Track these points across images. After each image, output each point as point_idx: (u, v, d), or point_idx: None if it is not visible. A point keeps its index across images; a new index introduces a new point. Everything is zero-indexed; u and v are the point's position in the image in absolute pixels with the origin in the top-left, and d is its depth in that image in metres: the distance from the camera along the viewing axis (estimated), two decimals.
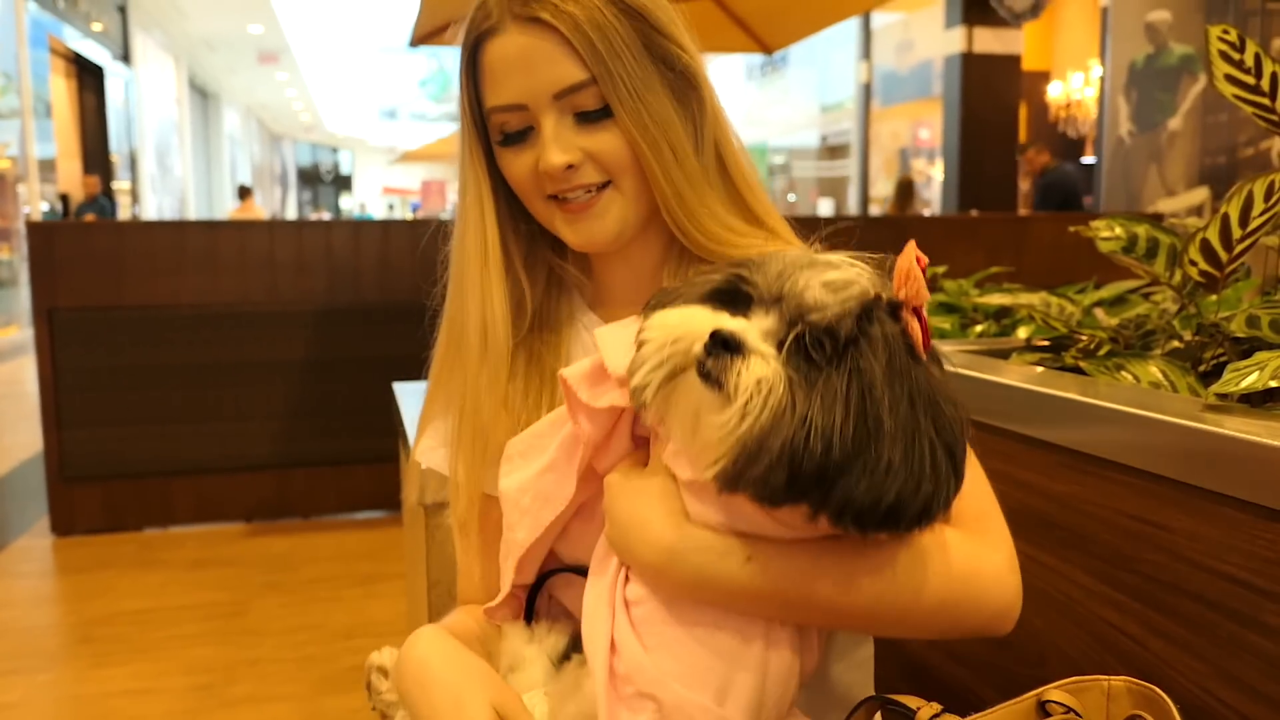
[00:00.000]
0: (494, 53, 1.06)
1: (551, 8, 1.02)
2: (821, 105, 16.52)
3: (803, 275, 0.83)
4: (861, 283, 0.83)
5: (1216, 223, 1.35)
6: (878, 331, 0.81)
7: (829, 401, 0.78)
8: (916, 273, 0.84)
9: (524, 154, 1.08)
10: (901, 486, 0.79)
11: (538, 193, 1.09)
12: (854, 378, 0.79)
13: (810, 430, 0.77)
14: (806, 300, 0.81)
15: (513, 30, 1.04)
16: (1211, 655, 1.07)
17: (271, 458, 4.46)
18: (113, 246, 4.25)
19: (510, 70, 1.05)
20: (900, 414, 0.80)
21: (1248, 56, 1.40)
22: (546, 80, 1.04)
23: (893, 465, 0.79)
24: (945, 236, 5.27)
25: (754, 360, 0.79)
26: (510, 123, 1.07)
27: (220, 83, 24.73)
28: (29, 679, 2.95)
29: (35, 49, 12.19)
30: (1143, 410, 1.15)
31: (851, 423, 0.78)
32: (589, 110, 1.05)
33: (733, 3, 5.63)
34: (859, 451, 0.78)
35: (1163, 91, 7.80)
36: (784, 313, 0.82)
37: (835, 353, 0.80)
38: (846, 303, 0.81)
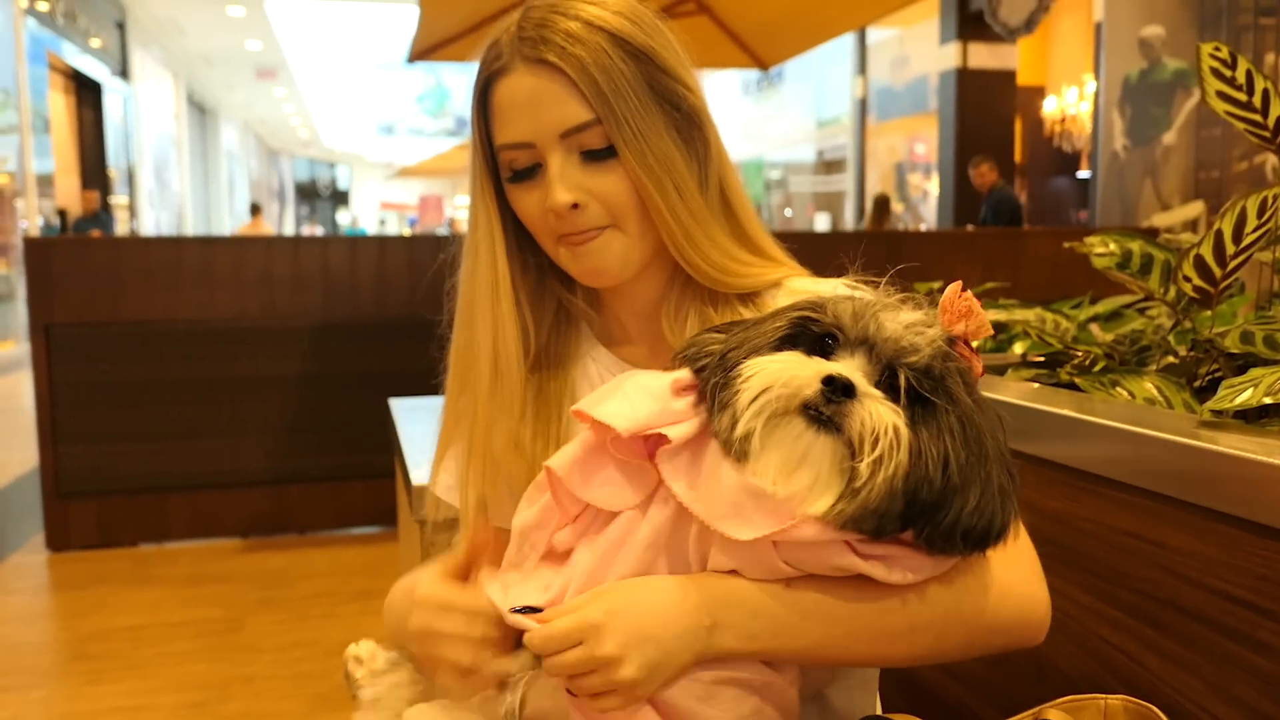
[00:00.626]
0: (503, 92, 1.09)
1: (558, 50, 1.06)
2: (817, 120, 16.56)
3: (885, 319, 0.87)
4: (936, 324, 0.89)
5: (1210, 238, 1.35)
6: (955, 368, 0.87)
7: (938, 434, 0.84)
8: (977, 308, 0.90)
9: (532, 191, 1.10)
10: (997, 506, 0.85)
11: (544, 231, 1.13)
12: (954, 408, 0.86)
13: (928, 461, 0.83)
14: (902, 344, 0.86)
15: (521, 70, 1.07)
16: (1208, 673, 1.07)
17: (267, 473, 4.45)
18: (110, 262, 4.25)
19: (518, 109, 1.08)
20: (988, 438, 0.87)
21: (1239, 73, 1.40)
22: (553, 120, 1.07)
23: (999, 483, 0.86)
24: (941, 251, 5.27)
25: (871, 404, 0.83)
26: (519, 160, 1.10)
27: (218, 98, 24.78)
28: (22, 696, 2.93)
29: (34, 65, 12.21)
30: (1137, 427, 1.15)
31: (964, 448, 0.85)
32: (594, 150, 1.08)
33: (729, 18, 5.66)
34: (972, 476, 0.84)
35: (1157, 106, 7.83)
36: (875, 355, 0.87)
37: (937, 390, 0.85)
38: (934, 343, 0.86)
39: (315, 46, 20.05)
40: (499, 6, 4.85)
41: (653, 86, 1.08)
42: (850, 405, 0.82)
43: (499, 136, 1.10)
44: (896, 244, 5.46)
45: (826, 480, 0.83)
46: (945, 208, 10.80)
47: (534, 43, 1.07)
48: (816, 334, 0.89)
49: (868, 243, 5.68)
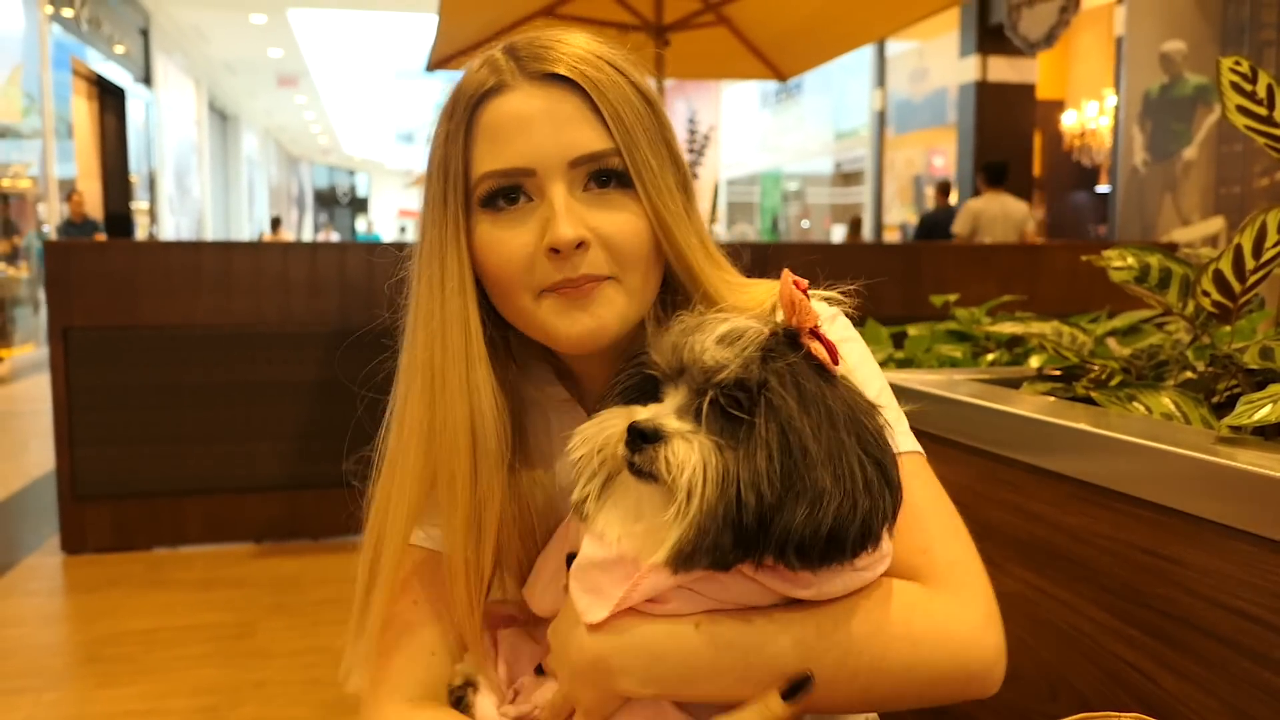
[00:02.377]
0: (501, 110, 0.95)
1: (571, 67, 0.95)
2: (836, 132, 16.56)
3: (695, 340, 0.83)
4: (753, 327, 0.84)
5: (1229, 253, 1.34)
6: (781, 366, 0.81)
7: (753, 450, 0.78)
8: (799, 297, 0.84)
9: (519, 230, 0.95)
10: (838, 508, 0.78)
11: (525, 282, 0.96)
12: (770, 417, 0.79)
13: (740, 485, 0.77)
14: (708, 363, 0.81)
15: (526, 88, 0.95)
16: (1224, 692, 1.05)
17: (282, 478, 4.46)
18: (128, 266, 4.27)
19: (519, 130, 0.94)
20: (824, 437, 0.79)
21: (1260, 88, 1.39)
22: (564, 143, 0.94)
23: (825, 489, 0.78)
24: (959, 264, 5.25)
25: (676, 442, 0.79)
26: (506, 191, 0.95)
27: (240, 105, 24.97)
28: (35, 698, 2.94)
29: (58, 70, 12.34)
30: (1154, 442, 1.14)
31: (777, 461, 0.78)
32: (604, 184, 0.95)
33: (748, 30, 5.66)
34: (789, 484, 0.78)
35: (1177, 121, 7.79)
36: (690, 382, 0.83)
37: (752, 403, 0.80)
38: (745, 350, 0.81)
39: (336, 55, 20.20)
40: (518, 16, 4.87)
41: (660, 129, 0.99)
42: (655, 449, 0.79)
43: (486, 162, 0.95)
44: (914, 256, 5.44)
45: (662, 528, 0.80)
46: None
47: (541, 59, 0.95)
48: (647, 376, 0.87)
49: (884, 256, 5.68)
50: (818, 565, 0.80)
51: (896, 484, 0.82)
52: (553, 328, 0.96)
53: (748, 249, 1.18)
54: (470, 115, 0.96)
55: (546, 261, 0.94)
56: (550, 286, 0.95)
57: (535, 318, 0.97)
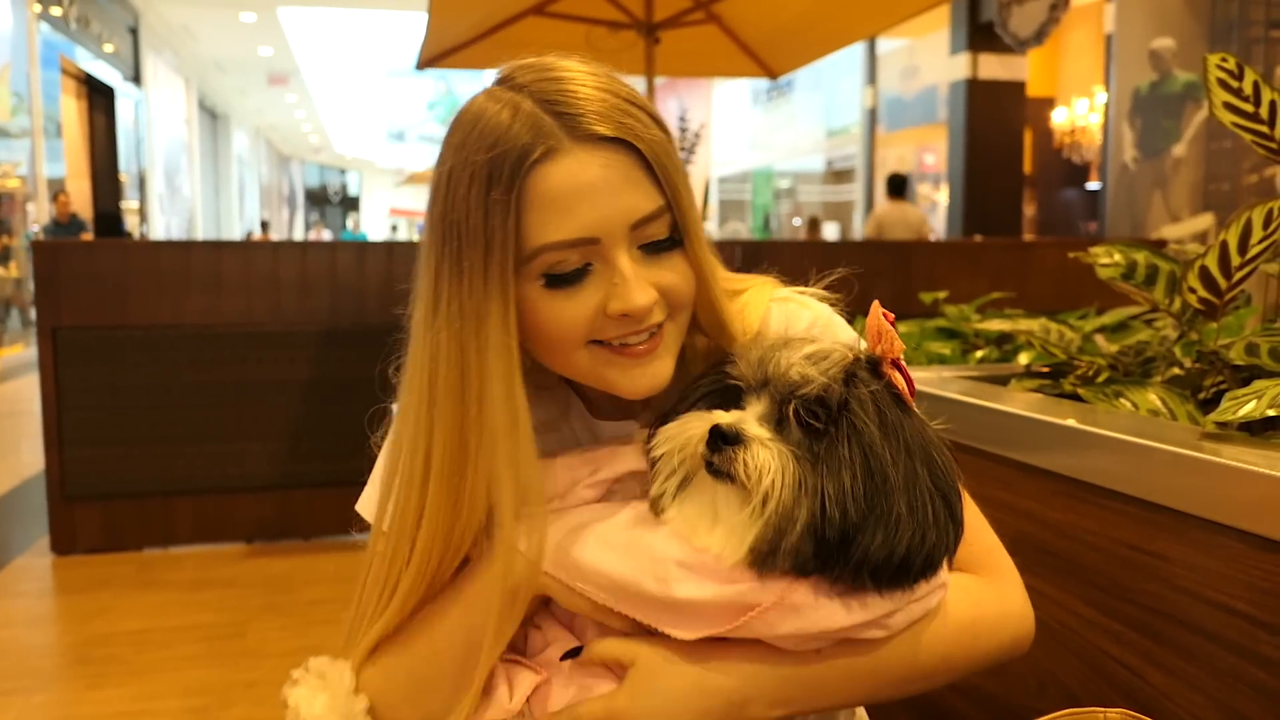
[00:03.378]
0: (557, 180, 0.90)
1: (618, 125, 0.91)
2: (827, 130, 16.57)
3: (783, 355, 0.88)
4: (839, 351, 0.89)
5: (1215, 250, 1.34)
6: (864, 392, 0.86)
7: (836, 467, 0.83)
8: (887, 328, 0.89)
9: (579, 296, 0.93)
10: (910, 537, 0.82)
11: (580, 341, 0.95)
12: (853, 439, 0.84)
13: (825, 498, 0.82)
14: (792, 377, 0.87)
15: (578, 152, 0.90)
16: (1209, 687, 1.06)
17: (273, 478, 4.45)
18: (117, 266, 4.26)
19: (580, 199, 0.90)
20: (901, 466, 0.84)
21: (1246, 84, 1.40)
22: (624, 209, 0.91)
23: (901, 517, 0.82)
24: (949, 262, 5.26)
25: (755, 446, 0.84)
26: (569, 261, 0.92)
27: (230, 104, 24.90)
28: (24, 700, 2.93)
29: (47, 69, 12.29)
30: (1141, 438, 1.15)
31: (861, 482, 0.83)
32: (659, 240, 0.95)
33: (738, 28, 5.66)
34: (872, 507, 0.82)
35: (1167, 118, 7.82)
36: (773, 394, 0.87)
37: (830, 420, 0.85)
38: (829, 370, 0.86)
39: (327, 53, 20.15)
40: (508, 14, 4.87)
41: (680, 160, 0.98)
42: (735, 451, 0.84)
43: (544, 234, 0.90)
44: (904, 254, 5.45)
45: (738, 527, 0.84)
46: (954, 218, 10.79)
47: (583, 117, 0.91)
48: (731, 385, 0.92)
49: (875, 253, 5.68)
50: (884, 589, 0.85)
51: (960, 520, 0.87)
52: (612, 382, 0.97)
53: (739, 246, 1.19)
54: (518, 182, 0.90)
55: (607, 320, 0.94)
56: (604, 340, 0.95)
57: (589, 369, 0.97)
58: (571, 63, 0.96)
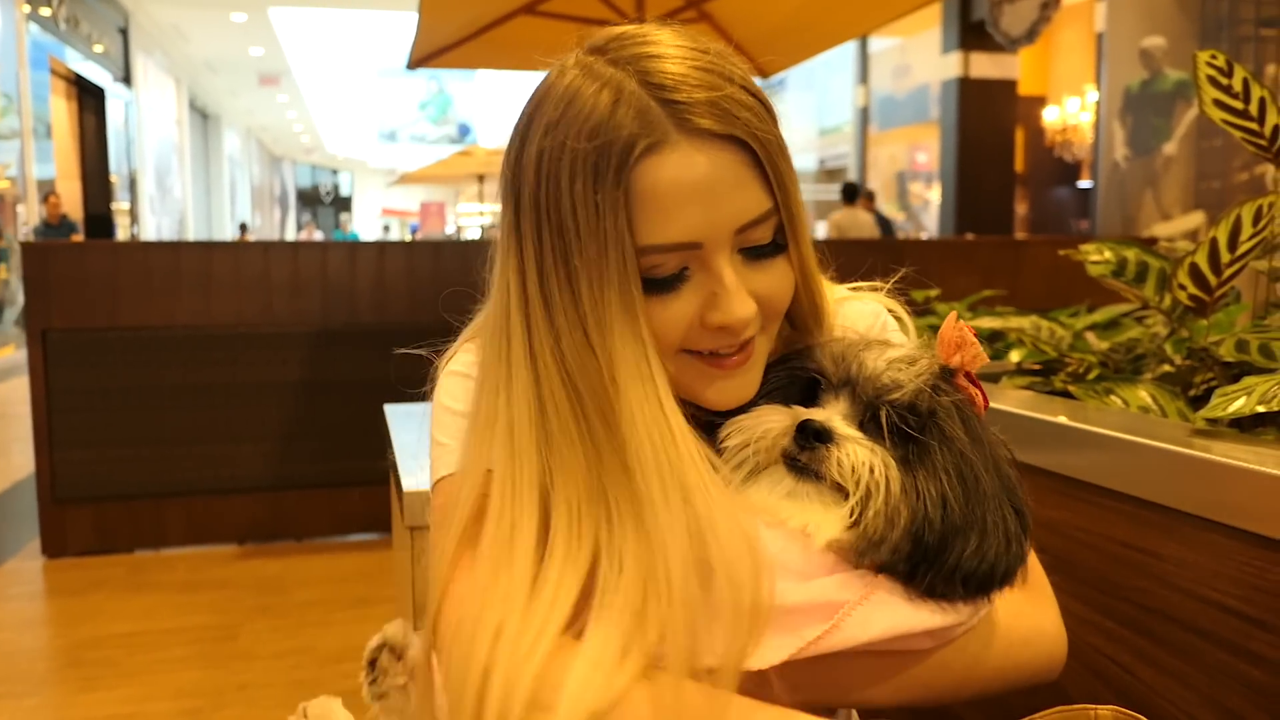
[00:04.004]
0: (660, 176, 0.81)
1: (733, 121, 0.83)
2: (819, 129, 16.58)
3: (867, 357, 0.86)
4: (925, 359, 0.87)
5: (1205, 247, 1.34)
6: (949, 401, 0.85)
7: (933, 471, 0.82)
8: (971, 340, 0.87)
9: (675, 302, 0.85)
10: (997, 547, 0.82)
11: (671, 350, 0.88)
12: (946, 446, 0.83)
13: (926, 501, 0.81)
14: (883, 380, 0.84)
15: (686, 148, 0.82)
16: (1201, 684, 1.06)
17: (264, 480, 4.44)
18: (108, 267, 4.24)
19: (685, 200, 0.82)
20: (989, 476, 0.84)
21: (1235, 81, 1.40)
22: (732, 212, 0.84)
23: (993, 525, 0.82)
24: (941, 259, 5.27)
25: (850, 445, 0.82)
26: (668, 265, 0.84)
27: (221, 105, 24.84)
28: (15, 704, 2.92)
29: (36, 70, 12.25)
30: (1130, 435, 1.15)
31: (960, 488, 0.82)
32: (762, 245, 0.87)
33: (729, 26, 5.65)
34: (968, 514, 0.82)
35: (1158, 116, 7.83)
36: (857, 395, 0.85)
37: (922, 426, 0.84)
38: (920, 377, 0.85)
39: (318, 53, 20.11)
40: (498, 14, 4.85)
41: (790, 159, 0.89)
42: (827, 449, 0.81)
43: (645, 235, 0.82)
44: (897, 251, 5.45)
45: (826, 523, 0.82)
46: (946, 216, 10.81)
47: (700, 109, 0.82)
48: (805, 380, 0.89)
49: (868, 250, 5.68)
50: (969, 597, 0.83)
51: (1029, 534, 0.86)
52: (698, 393, 0.91)
53: None
54: (624, 177, 0.81)
55: (704, 331, 0.87)
56: (694, 350, 0.89)
57: (675, 378, 0.89)
58: (666, 32, 0.88)
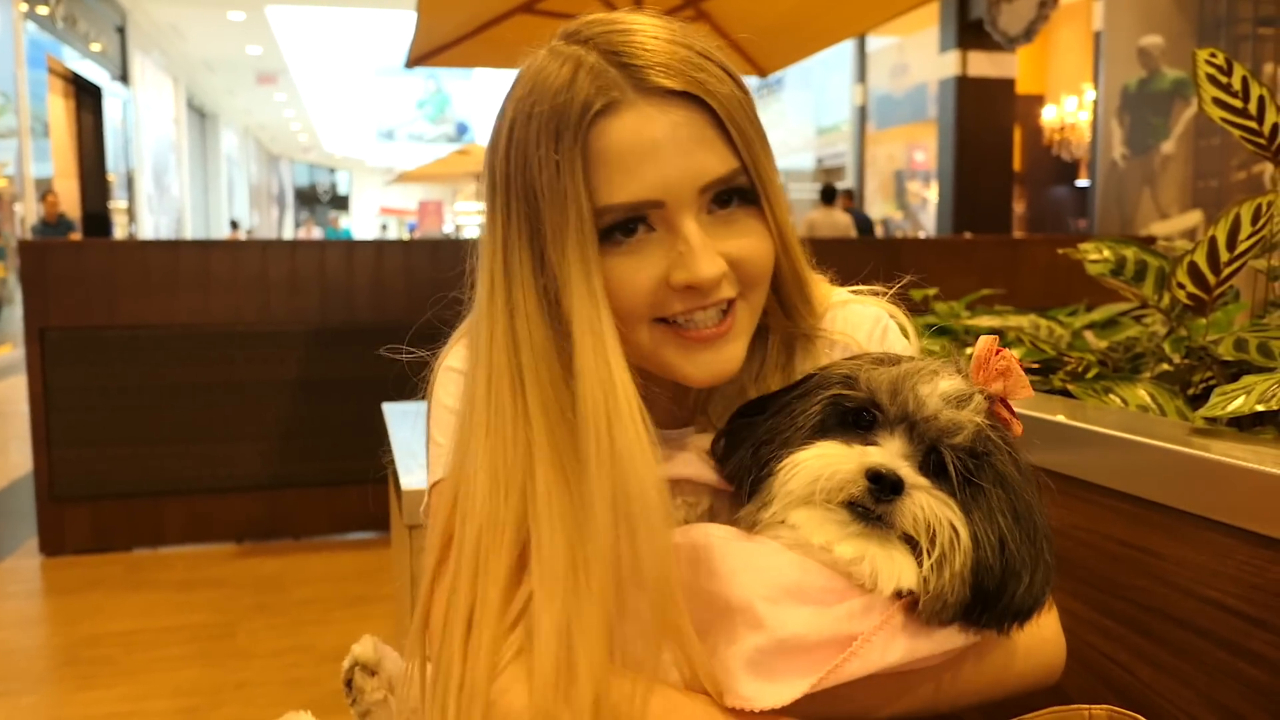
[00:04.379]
0: (620, 135, 0.83)
1: (693, 80, 0.85)
2: (817, 128, 16.58)
3: (923, 392, 0.83)
4: (977, 394, 0.84)
5: (1204, 246, 1.34)
6: (998, 437, 0.83)
7: (990, 517, 0.81)
8: (1016, 368, 0.85)
9: (641, 263, 0.86)
10: (1043, 581, 0.82)
11: (645, 316, 0.88)
12: (1001, 486, 0.82)
13: (987, 548, 0.80)
14: (943, 422, 0.82)
15: (644, 106, 0.84)
16: (1200, 683, 1.06)
17: (263, 478, 4.44)
18: (105, 266, 4.24)
19: (645, 157, 0.83)
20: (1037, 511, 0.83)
21: (1235, 80, 1.40)
22: (693, 170, 0.84)
23: (1042, 563, 0.83)
24: (939, 258, 5.27)
25: (921, 496, 0.79)
26: (625, 224, 0.86)
27: (218, 103, 24.81)
28: (13, 702, 2.92)
29: (33, 69, 12.23)
30: (1130, 434, 1.14)
31: (1017, 529, 0.81)
32: (728, 203, 0.88)
33: (727, 25, 5.65)
34: (1027, 556, 0.82)
35: (1155, 115, 7.84)
36: (916, 435, 0.82)
37: (980, 468, 0.82)
38: (976, 417, 0.82)
39: (315, 52, 20.09)
40: (496, 12, 4.85)
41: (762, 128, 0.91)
42: (902, 502, 0.79)
43: (609, 194, 0.84)
44: (894, 251, 5.46)
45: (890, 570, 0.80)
46: (944, 215, 10.81)
47: (650, 69, 0.84)
48: (855, 410, 0.85)
49: (866, 250, 5.68)
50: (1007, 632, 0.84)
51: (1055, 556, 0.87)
52: (675, 366, 0.90)
53: None
54: (581, 136, 0.83)
55: (672, 294, 0.87)
56: (668, 318, 0.89)
57: (650, 350, 0.90)
58: (641, 15, 0.90)
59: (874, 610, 0.81)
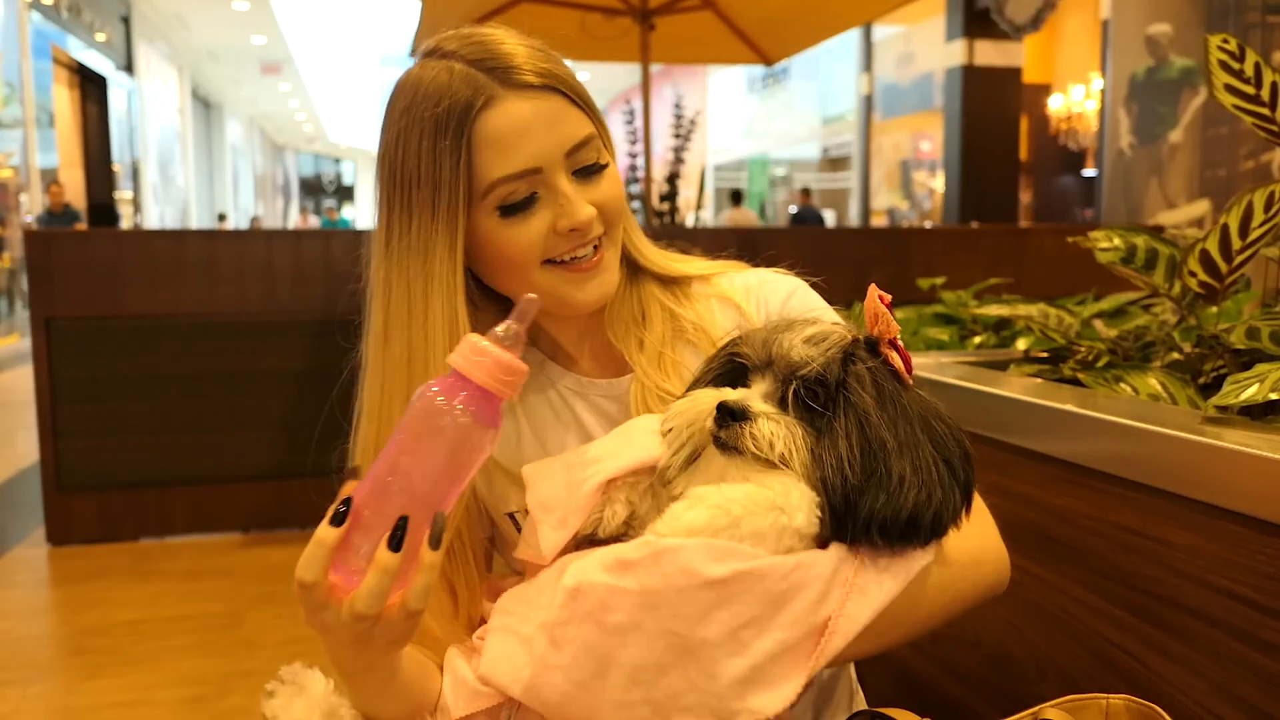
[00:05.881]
0: (497, 122, 1.03)
1: (546, 74, 1.05)
2: (823, 117, 16.54)
3: (785, 337, 0.94)
4: (838, 332, 0.94)
5: (1216, 233, 1.33)
6: (861, 369, 0.92)
7: (834, 438, 0.89)
8: (883, 310, 0.94)
9: (531, 221, 1.06)
10: (916, 496, 0.87)
11: (536, 260, 1.07)
12: (849, 412, 0.90)
13: (827, 466, 0.88)
14: (794, 358, 0.92)
15: (513, 99, 1.04)
16: (1212, 673, 1.05)
17: (269, 468, 4.44)
18: (111, 256, 4.24)
19: (521, 135, 1.04)
20: (900, 433, 0.89)
21: (1247, 66, 1.38)
22: (559, 139, 1.05)
23: (905, 478, 0.87)
24: (946, 248, 5.25)
25: (761, 421, 0.89)
26: (518, 191, 1.05)
27: (223, 93, 24.80)
28: (21, 690, 2.93)
29: (39, 59, 12.23)
30: (1141, 423, 1.14)
31: (857, 450, 0.88)
32: (590, 164, 1.08)
33: (733, 14, 5.64)
34: (871, 470, 0.88)
35: (1163, 104, 7.80)
36: (776, 374, 0.93)
37: (829, 397, 0.91)
38: (829, 351, 0.92)
39: (320, 41, 20.07)
40: (500, 1, 4.84)
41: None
42: (742, 426, 0.89)
43: (496, 169, 1.03)
44: (901, 241, 5.44)
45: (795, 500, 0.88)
46: (950, 205, 10.78)
47: (517, 70, 1.05)
48: (738, 366, 0.98)
49: (872, 240, 5.67)
50: (897, 546, 0.89)
51: (965, 483, 0.91)
52: (568, 296, 1.10)
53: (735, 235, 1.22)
54: (466, 130, 1.03)
55: (558, 238, 1.07)
56: (556, 259, 1.08)
57: (546, 287, 1.08)
58: (490, 27, 1.10)
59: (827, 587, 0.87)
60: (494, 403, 0.84)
